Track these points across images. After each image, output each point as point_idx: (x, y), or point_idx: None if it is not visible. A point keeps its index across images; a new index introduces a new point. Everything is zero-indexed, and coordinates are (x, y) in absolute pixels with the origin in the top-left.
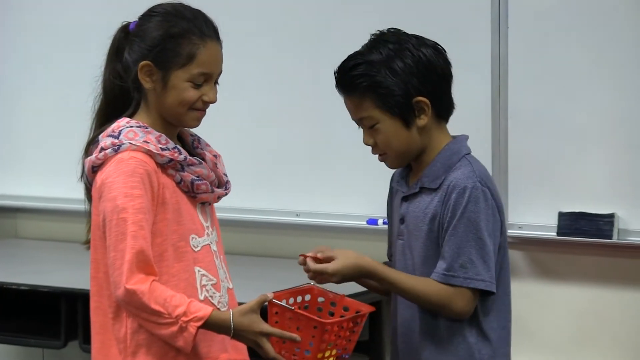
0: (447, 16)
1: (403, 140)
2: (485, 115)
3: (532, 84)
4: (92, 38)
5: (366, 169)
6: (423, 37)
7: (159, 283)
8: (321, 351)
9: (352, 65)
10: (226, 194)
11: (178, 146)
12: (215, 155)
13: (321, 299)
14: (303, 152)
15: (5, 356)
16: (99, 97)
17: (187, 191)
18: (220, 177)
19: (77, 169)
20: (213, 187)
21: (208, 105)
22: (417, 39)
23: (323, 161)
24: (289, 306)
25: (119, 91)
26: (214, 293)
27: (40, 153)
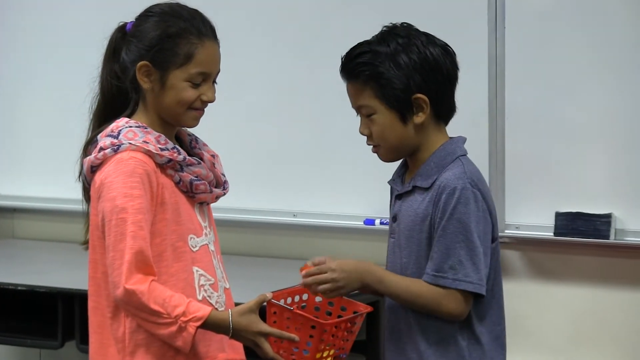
0: (445, 16)
1: (397, 134)
2: (482, 115)
3: (529, 84)
4: (92, 38)
5: (363, 170)
6: (434, 37)
7: (158, 283)
8: (319, 351)
9: (359, 52)
10: (224, 194)
11: (177, 146)
12: (213, 155)
13: (319, 299)
14: (300, 153)
15: (2, 356)
16: (97, 98)
17: (186, 191)
18: (218, 177)
19: (75, 170)
20: (211, 187)
21: (206, 104)
22: (427, 37)
23: (320, 161)
24: (288, 306)
25: (117, 91)
26: (212, 293)
27: (37, 153)
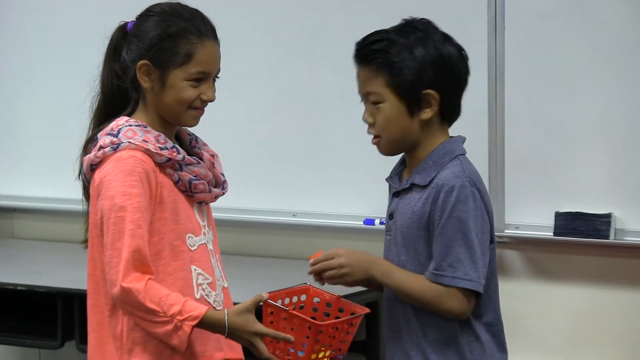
0: (445, 16)
1: (402, 126)
2: (482, 115)
3: (529, 84)
4: (92, 38)
5: (363, 170)
6: (451, 37)
7: (155, 282)
8: (315, 352)
9: (375, 39)
10: (223, 194)
11: (176, 146)
12: (212, 154)
13: (317, 300)
14: (300, 153)
15: (2, 356)
16: (97, 97)
17: (185, 190)
18: (217, 177)
19: (75, 169)
20: (210, 187)
21: (206, 104)
22: (444, 36)
23: (320, 161)
24: (284, 307)
25: (117, 91)
26: (210, 292)
27: (37, 153)
